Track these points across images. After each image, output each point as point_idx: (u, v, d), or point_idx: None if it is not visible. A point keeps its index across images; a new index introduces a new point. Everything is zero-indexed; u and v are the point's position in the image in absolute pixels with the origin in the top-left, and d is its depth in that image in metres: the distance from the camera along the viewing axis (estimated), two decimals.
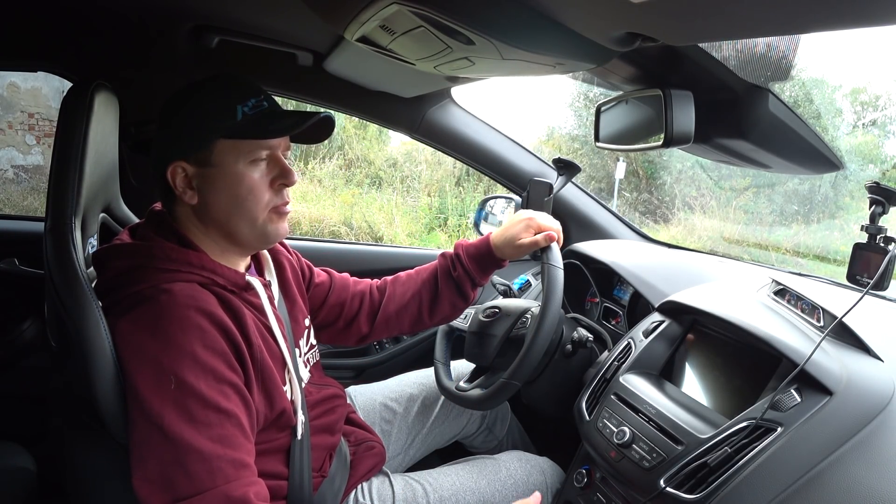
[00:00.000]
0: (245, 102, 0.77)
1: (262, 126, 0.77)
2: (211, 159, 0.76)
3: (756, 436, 0.74)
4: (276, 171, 0.80)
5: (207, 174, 0.77)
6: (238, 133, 0.76)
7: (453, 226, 6.16)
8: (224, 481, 0.66)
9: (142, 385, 0.67)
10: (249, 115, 0.76)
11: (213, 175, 0.77)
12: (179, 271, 0.75)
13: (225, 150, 0.76)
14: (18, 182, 6.06)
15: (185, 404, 0.66)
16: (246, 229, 0.80)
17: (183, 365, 0.67)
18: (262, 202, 0.79)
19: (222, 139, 0.76)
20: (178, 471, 0.65)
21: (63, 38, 1.21)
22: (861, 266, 0.80)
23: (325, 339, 1.09)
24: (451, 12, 0.66)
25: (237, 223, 0.79)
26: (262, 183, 0.79)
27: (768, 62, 0.82)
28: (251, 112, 0.77)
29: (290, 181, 0.81)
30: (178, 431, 0.65)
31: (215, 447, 0.67)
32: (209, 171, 0.77)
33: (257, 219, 0.79)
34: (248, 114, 0.76)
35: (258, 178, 0.78)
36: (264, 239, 0.82)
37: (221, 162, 0.76)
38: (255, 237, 0.81)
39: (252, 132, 0.76)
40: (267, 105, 0.79)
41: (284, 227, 0.83)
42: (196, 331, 0.70)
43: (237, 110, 0.76)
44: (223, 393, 0.69)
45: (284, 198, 0.81)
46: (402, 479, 0.99)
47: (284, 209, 0.82)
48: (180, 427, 0.66)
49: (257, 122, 0.77)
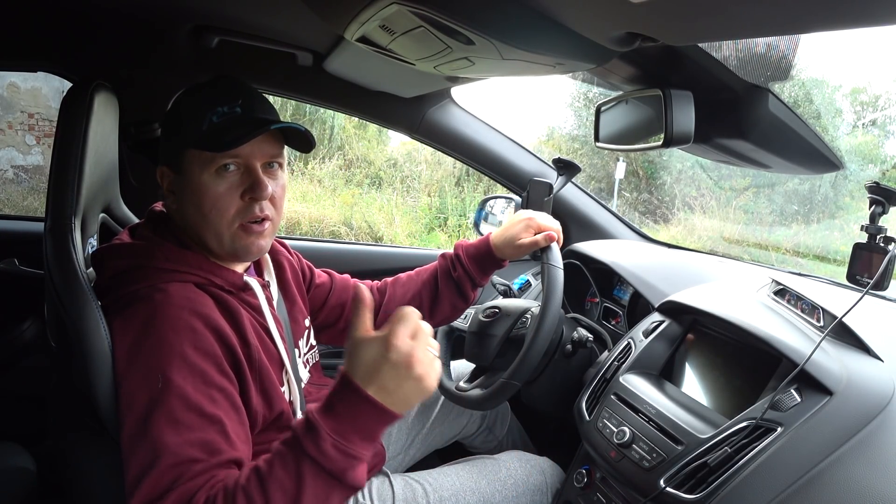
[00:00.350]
0: (215, 110, 0.75)
1: (218, 136, 0.74)
2: (181, 167, 0.76)
3: (756, 436, 0.74)
4: (247, 182, 0.76)
5: (179, 181, 0.77)
6: (199, 143, 0.74)
7: (453, 226, 6.15)
8: (190, 480, 0.62)
9: (130, 381, 0.67)
10: (216, 123, 0.74)
11: (183, 183, 0.77)
12: (177, 271, 0.74)
13: (192, 159, 0.75)
14: (18, 182, 6.05)
15: (168, 404, 0.65)
16: (214, 242, 0.77)
17: (172, 365, 0.67)
18: (225, 216, 0.75)
19: (191, 148, 0.75)
20: (152, 471, 0.62)
21: (63, 38, 1.21)
22: (861, 266, 0.80)
23: (326, 340, 1.09)
24: (451, 12, 0.66)
25: (205, 235, 0.77)
26: (227, 195, 0.75)
27: (768, 62, 0.82)
28: (219, 120, 0.74)
29: (257, 195, 0.75)
30: (159, 432, 0.64)
31: (192, 451, 0.64)
32: (179, 179, 0.77)
33: (222, 234, 0.76)
34: (215, 122, 0.74)
35: (223, 190, 0.75)
36: (234, 255, 0.79)
37: (189, 171, 0.75)
38: (225, 252, 0.78)
39: (208, 142, 0.74)
40: (240, 111, 0.76)
41: (259, 244, 0.79)
42: (188, 332, 0.69)
43: (205, 118, 0.74)
44: (210, 397, 0.68)
45: (254, 212, 0.76)
46: (402, 479, 0.99)
47: (253, 227, 0.77)
48: (160, 427, 0.64)
49: (218, 132, 0.74)
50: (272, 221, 0.80)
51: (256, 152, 0.76)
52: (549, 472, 1.06)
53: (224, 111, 0.75)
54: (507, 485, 1.01)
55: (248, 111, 0.77)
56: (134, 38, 1.24)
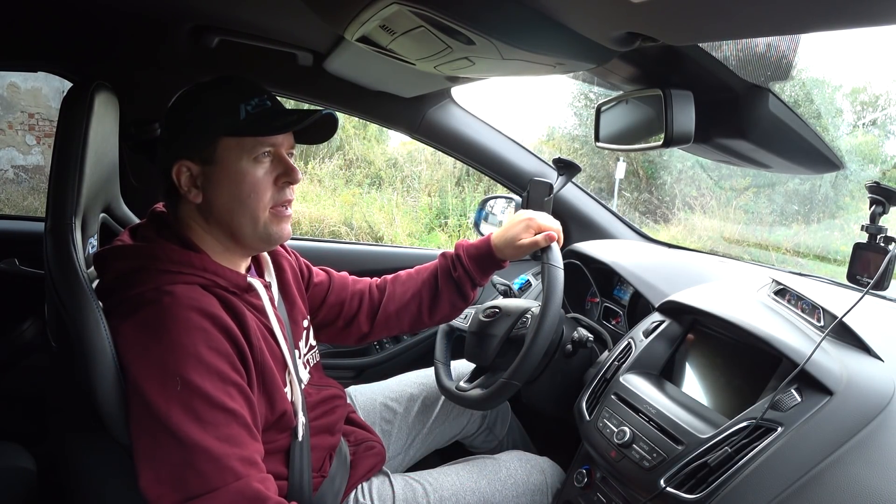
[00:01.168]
0: (248, 101, 0.78)
1: (264, 123, 0.77)
2: (214, 157, 0.77)
3: (756, 436, 0.74)
4: (280, 168, 0.80)
5: (211, 172, 0.78)
6: (241, 130, 0.77)
7: (453, 226, 6.15)
8: (234, 478, 0.66)
9: (147, 387, 0.67)
10: (252, 113, 0.77)
11: (217, 173, 0.77)
12: (181, 273, 0.75)
13: (228, 148, 0.77)
14: (18, 182, 6.06)
15: (191, 405, 0.67)
16: (248, 228, 0.80)
17: (188, 366, 0.68)
18: (263, 200, 0.79)
19: (225, 137, 0.77)
20: (187, 470, 0.65)
21: (63, 38, 1.21)
22: (861, 266, 0.80)
23: (325, 339, 1.09)
24: (451, 12, 0.66)
25: (240, 221, 0.79)
26: (265, 181, 0.79)
27: (768, 62, 0.81)
28: (254, 110, 0.78)
29: (293, 178, 0.81)
30: (186, 432, 0.66)
31: (223, 446, 0.67)
32: (212, 169, 0.77)
33: (259, 217, 0.80)
34: (251, 112, 0.77)
35: (261, 175, 0.79)
36: (266, 239, 0.82)
37: (224, 159, 0.77)
38: (257, 237, 0.81)
39: (254, 129, 0.77)
40: (270, 104, 0.80)
41: (287, 230, 0.83)
42: (200, 332, 0.70)
43: (240, 108, 0.77)
44: (228, 393, 0.70)
45: (287, 195, 0.82)
46: (403, 479, 0.99)
47: (285, 211, 0.82)
48: (188, 427, 0.66)
49: (259, 120, 0.78)
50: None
51: (285, 142, 0.81)
52: (549, 471, 1.06)
53: (256, 102, 0.78)
54: (508, 485, 1.01)
55: (277, 104, 0.81)
56: (134, 38, 1.24)
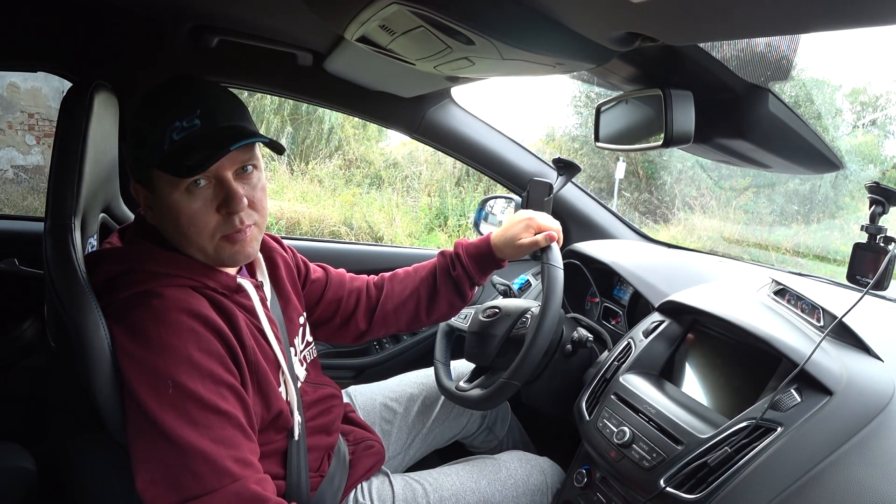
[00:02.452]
0: (173, 125, 0.70)
1: (179, 159, 0.70)
2: (152, 186, 0.74)
3: (756, 436, 0.74)
4: (220, 196, 0.73)
5: (154, 200, 0.75)
6: (164, 164, 0.70)
7: (453, 226, 6.16)
8: (231, 480, 0.66)
9: (140, 390, 0.67)
10: (177, 140, 0.70)
11: (156, 202, 0.75)
12: (169, 275, 0.74)
13: (161, 179, 0.72)
14: (18, 182, 6.05)
15: (184, 408, 0.67)
16: (199, 255, 0.76)
17: (180, 369, 0.67)
18: (205, 232, 0.73)
19: (156, 169, 0.71)
20: (183, 473, 0.65)
21: (63, 38, 1.21)
22: (861, 266, 0.80)
23: (322, 337, 1.09)
24: (451, 12, 0.66)
25: (188, 248, 0.76)
26: (203, 212, 0.72)
27: (768, 62, 0.81)
28: (179, 136, 0.70)
29: (233, 209, 0.73)
30: (180, 434, 0.66)
31: (218, 448, 0.67)
32: (153, 198, 0.75)
33: (206, 248, 0.75)
34: (176, 139, 0.70)
35: (198, 206, 0.72)
36: (222, 263, 0.78)
37: (159, 190, 0.73)
38: (212, 262, 0.77)
39: (171, 165, 0.70)
40: (199, 124, 0.71)
41: (245, 252, 0.77)
42: (191, 334, 0.70)
43: (165, 136, 0.70)
44: (221, 395, 0.70)
45: (234, 225, 0.74)
46: (402, 479, 0.99)
47: (236, 237, 0.75)
48: (181, 430, 0.66)
49: (178, 153, 0.70)
50: (256, 225, 0.77)
51: (225, 163, 0.72)
52: (549, 471, 1.06)
53: (183, 125, 0.70)
54: (508, 485, 1.01)
55: (209, 121, 0.71)
56: (134, 37, 1.24)
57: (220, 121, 0.73)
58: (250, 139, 0.71)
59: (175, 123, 0.70)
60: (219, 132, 0.72)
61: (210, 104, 0.73)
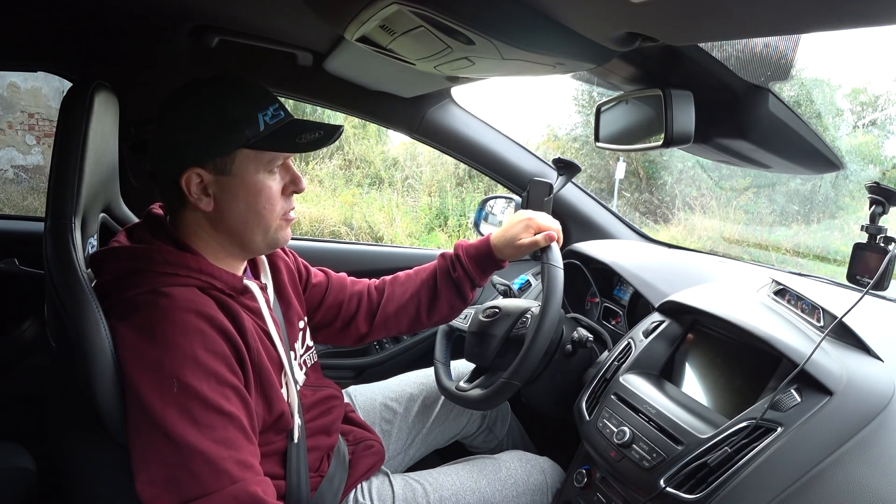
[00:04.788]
0: (265, 110, 0.76)
1: (288, 138, 0.76)
2: (231, 168, 0.76)
3: (756, 436, 0.74)
4: (287, 178, 0.81)
5: (225, 182, 0.76)
6: (262, 144, 0.75)
7: (453, 226, 6.16)
8: (230, 482, 0.66)
9: (144, 389, 0.67)
10: (270, 124, 0.76)
11: (232, 183, 0.76)
12: (178, 275, 0.74)
13: (246, 159, 0.76)
14: (18, 182, 6.06)
15: (187, 407, 0.67)
16: (259, 237, 0.80)
17: (185, 368, 0.67)
18: (276, 210, 0.80)
19: (244, 148, 0.75)
20: (183, 473, 0.65)
21: (63, 38, 1.21)
22: (861, 266, 0.80)
23: (323, 340, 1.09)
24: (451, 12, 0.66)
25: (252, 231, 0.79)
26: (278, 192, 0.80)
27: (768, 62, 0.82)
28: (272, 121, 0.76)
29: (299, 188, 0.82)
30: (182, 434, 0.66)
31: (219, 449, 0.67)
32: (227, 180, 0.76)
33: (271, 227, 0.80)
34: (269, 123, 0.76)
35: (276, 187, 0.79)
36: (273, 245, 0.83)
37: (241, 171, 0.76)
38: (265, 244, 0.82)
39: (278, 144, 0.76)
40: (283, 115, 0.78)
41: (289, 233, 0.84)
42: (197, 334, 0.70)
43: (259, 119, 0.75)
44: (225, 395, 0.70)
45: (292, 204, 0.83)
46: (402, 479, 0.99)
47: (291, 215, 0.83)
48: (184, 429, 0.66)
49: (281, 134, 0.76)
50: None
51: None
52: (549, 471, 1.06)
53: (272, 112, 0.76)
54: (508, 485, 1.01)
55: (287, 112, 0.79)
56: (134, 37, 1.24)
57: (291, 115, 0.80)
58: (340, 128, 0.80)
59: (267, 109, 0.76)
60: (308, 124, 0.79)
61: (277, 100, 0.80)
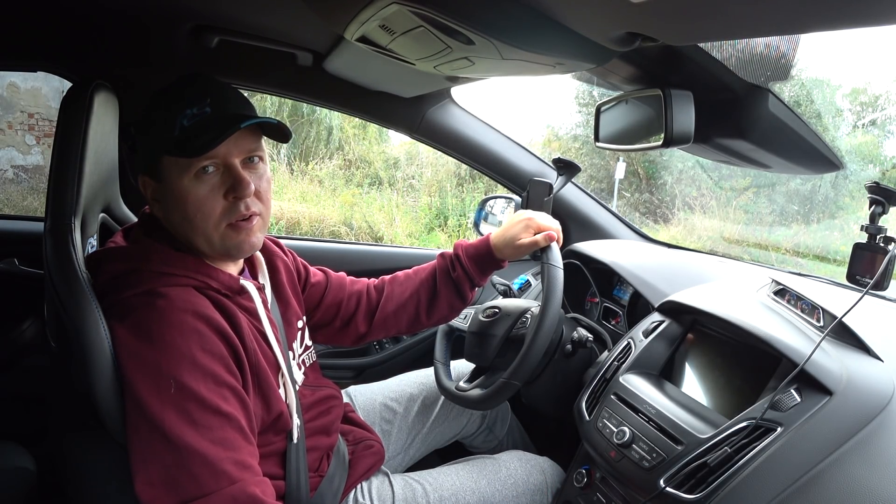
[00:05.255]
0: (184, 112, 0.72)
1: (189, 141, 0.72)
2: (160, 175, 0.75)
3: (756, 436, 0.74)
4: (228, 182, 0.74)
5: (160, 189, 0.76)
6: (173, 149, 0.72)
7: (453, 226, 6.16)
8: (229, 483, 0.66)
9: (142, 389, 0.67)
10: (187, 126, 0.72)
11: (164, 191, 0.75)
12: (174, 275, 0.74)
13: (169, 166, 0.73)
14: (18, 182, 6.06)
15: (185, 407, 0.67)
16: (204, 245, 0.77)
17: (182, 369, 0.67)
18: (211, 218, 0.74)
19: (165, 154, 0.73)
20: (181, 474, 0.65)
21: (63, 38, 1.21)
22: (861, 266, 0.80)
23: (322, 339, 1.09)
24: (451, 12, 0.66)
25: (194, 238, 0.76)
26: (210, 198, 0.74)
27: (768, 62, 0.82)
28: (189, 123, 0.72)
29: (240, 194, 0.74)
30: (180, 435, 0.65)
31: (217, 450, 0.67)
32: (161, 187, 0.76)
33: (211, 236, 0.75)
34: (187, 126, 0.72)
35: (205, 192, 0.73)
36: (227, 254, 0.78)
37: (168, 178, 0.74)
38: (216, 252, 0.78)
39: (181, 148, 0.72)
40: (209, 111, 0.73)
41: (250, 241, 0.77)
42: (194, 335, 0.70)
43: (176, 123, 0.72)
44: (222, 396, 0.70)
45: (240, 211, 0.75)
46: (402, 479, 0.99)
47: (241, 225, 0.76)
48: (182, 430, 0.66)
49: (189, 136, 0.72)
50: (261, 216, 0.78)
51: (233, 150, 0.74)
52: (549, 471, 1.06)
53: (193, 112, 0.72)
54: (507, 484, 1.01)
55: (219, 109, 0.74)
56: (134, 37, 1.24)
57: (230, 108, 0.75)
58: (259, 119, 0.74)
59: (186, 111, 0.72)
60: (228, 117, 0.74)
61: (220, 95, 0.75)
